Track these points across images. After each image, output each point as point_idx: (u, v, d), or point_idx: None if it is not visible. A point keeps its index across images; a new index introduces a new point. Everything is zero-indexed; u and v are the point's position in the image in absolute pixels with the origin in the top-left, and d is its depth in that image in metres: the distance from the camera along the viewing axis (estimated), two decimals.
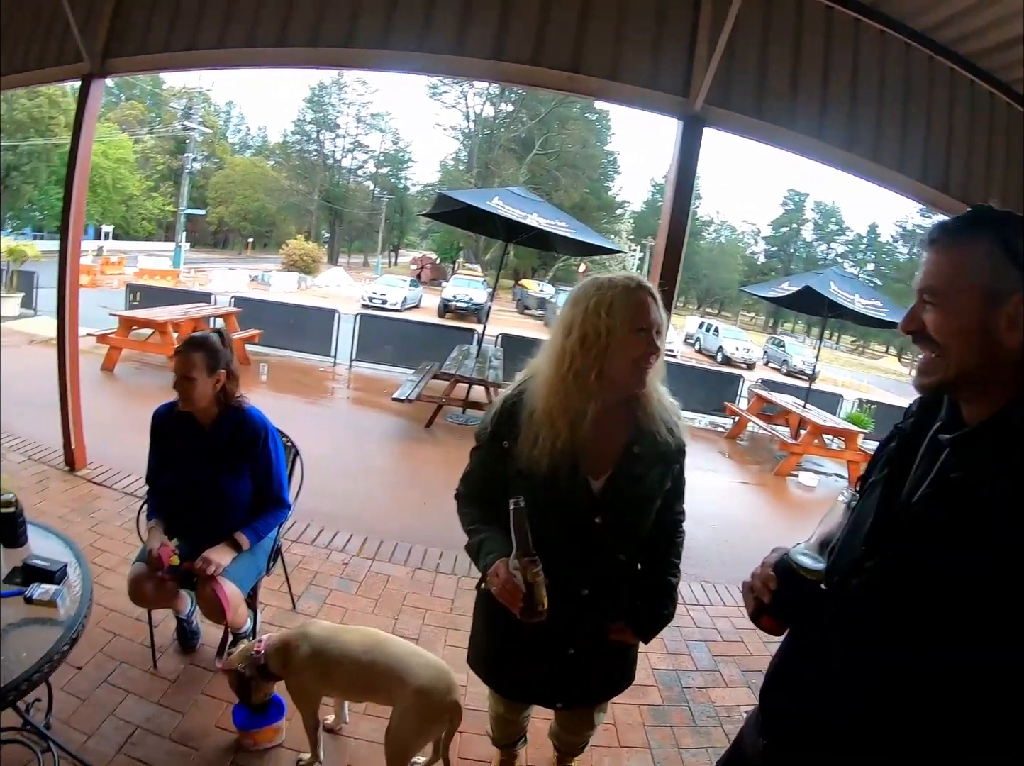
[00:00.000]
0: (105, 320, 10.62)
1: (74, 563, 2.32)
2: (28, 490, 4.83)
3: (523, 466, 1.75)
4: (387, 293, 29.39)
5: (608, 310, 1.68)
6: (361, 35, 4.23)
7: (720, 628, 4.13)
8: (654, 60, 3.97)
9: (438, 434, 8.24)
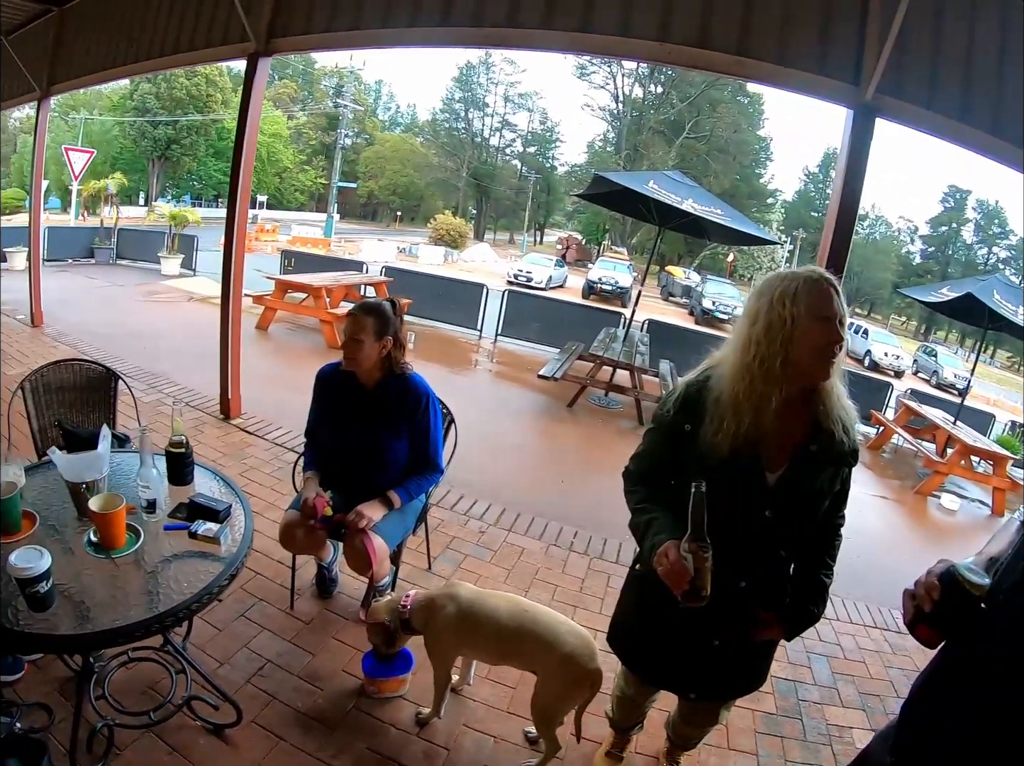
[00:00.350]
0: (259, 282, 11.33)
1: (237, 504, 2.49)
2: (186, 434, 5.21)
3: (703, 450, 1.77)
4: (533, 271, 29.55)
5: (792, 299, 1.70)
6: (524, 14, 4.26)
7: (844, 645, 3.97)
8: (823, 44, 3.77)
9: (579, 414, 8.25)
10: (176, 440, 2.49)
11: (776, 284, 1.75)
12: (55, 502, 2.35)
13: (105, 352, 7.63)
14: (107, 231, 17.05)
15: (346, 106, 47.03)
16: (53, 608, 1.85)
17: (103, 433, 2.35)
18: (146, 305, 11.81)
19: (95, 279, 14.02)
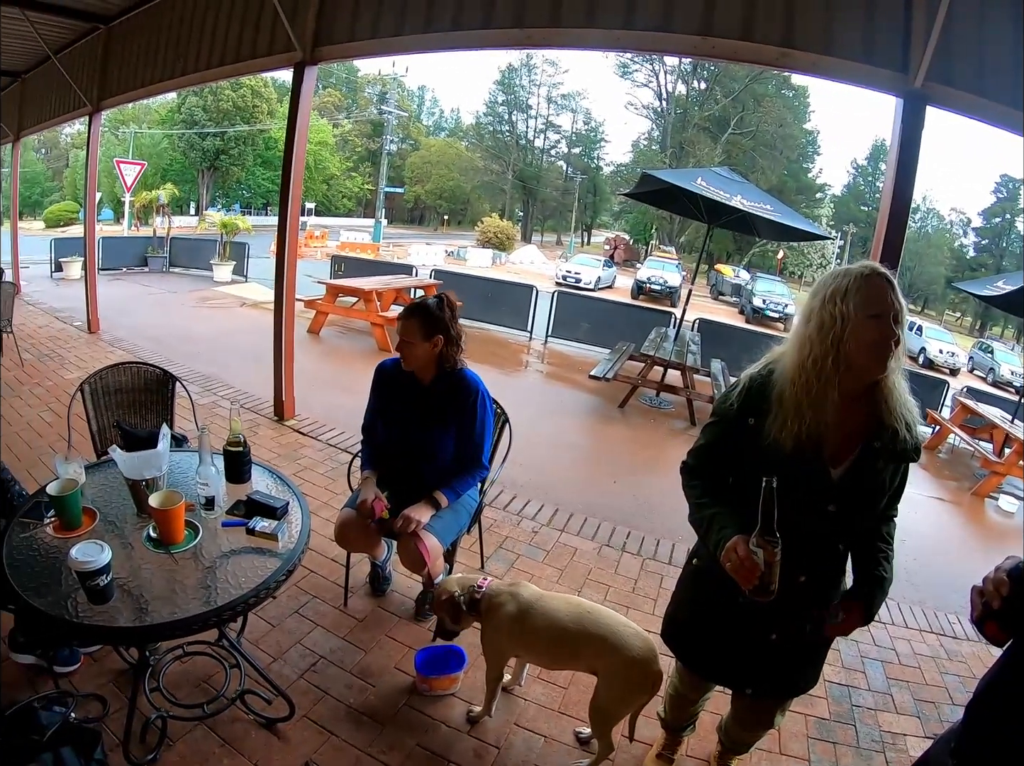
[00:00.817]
0: (310, 287, 11.51)
1: (294, 502, 2.53)
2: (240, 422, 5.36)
3: (767, 445, 1.77)
4: (581, 272, 29.46)
5: (843, 297, 1.69)
6: (565, 14, 4.25)
7: (899, 650, 3.85)
8: (868, 32, 3.67)
9: (631, 415, 8.18)
10: (234, 439, 2.55)
11: (829, 282, 1.75)
12: (115, 499, 2.42)
13: (160, 356, 7.82)
14: (160, 240, 17.59)
15: (390, 112, 47.63)
16: (112, 601, 1.90)
17: (162, 431, 2.42)
18: (199, 311, 12.09)
19: (149, 286, 14.44)
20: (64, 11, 7.73)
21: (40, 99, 10.59)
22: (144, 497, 2.23)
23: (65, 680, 2.60)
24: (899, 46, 3.60)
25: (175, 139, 47.58)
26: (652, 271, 29.65)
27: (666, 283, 28.48)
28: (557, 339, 12.00)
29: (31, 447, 5.06)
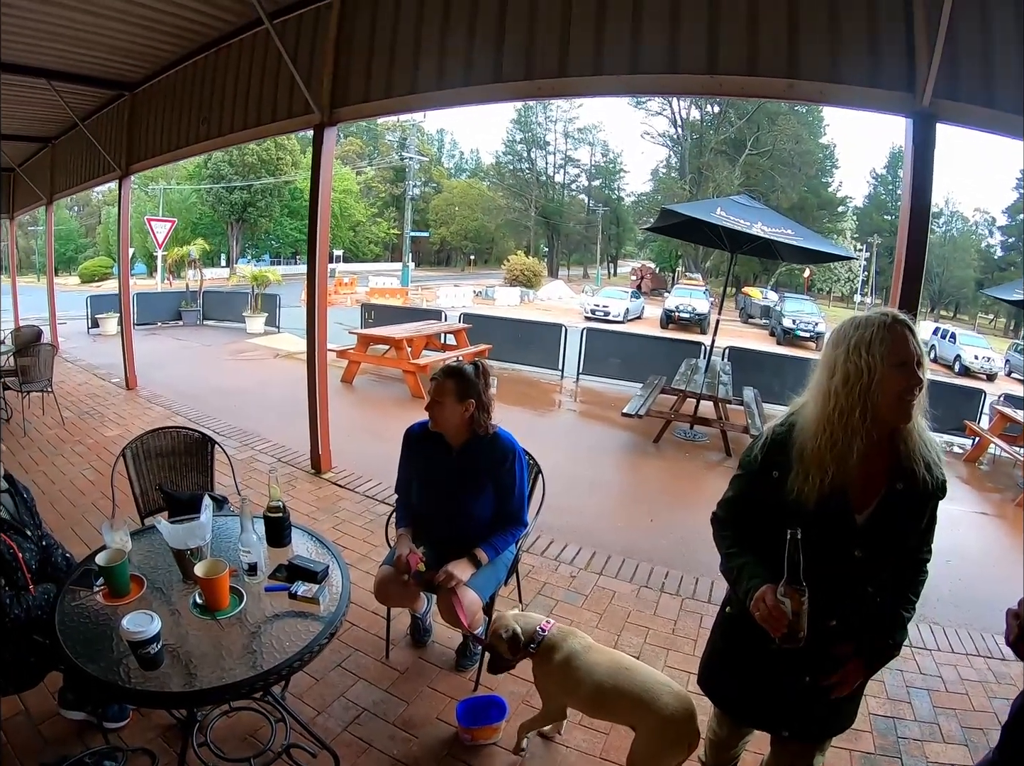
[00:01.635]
0: (342, 335, 11.70)
1: (334, 565, 2.56)
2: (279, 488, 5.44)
3: (791, 498, 1.78)
4: (609, 305, 29.83)
5: (868, 348, 1.70)
6: (573, 63, 4.36)
7: (945, 677, 3.74)
8: (873, 55, 3.68)
9: (666, 450, 8.13)
10: (274, 505, 2.61)
11: (851, 333, 1.75)
12: (161, 565, 2.49)
13: (197, 411, 8.02)
14: (192, 294, 18.08)
15: (411, 158, 48.46)
16: (163, 667, 1.96)
17: (204, 502, 2.48)
18: (234, 363, 12.35)
19: (184, 340, 14.81)
20: (89, 80, 8.09)
21: (71, 164, 11.05)
22: (190, 565, 2.29)
23: (114, 735, 2.66)
24: (904, 66, 3.61)
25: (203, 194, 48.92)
26: (680, 299, 29.80)
27: (695, 311, 28.61)
28: (588, 376, 11.99)
29: (74, 505, 5.19)
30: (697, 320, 28.20)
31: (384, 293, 30.52)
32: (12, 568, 2.38)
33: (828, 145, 56.73)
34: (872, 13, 3.66)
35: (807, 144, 52.73)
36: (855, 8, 3.70)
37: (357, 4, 5.46)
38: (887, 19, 3.63)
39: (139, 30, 6.47)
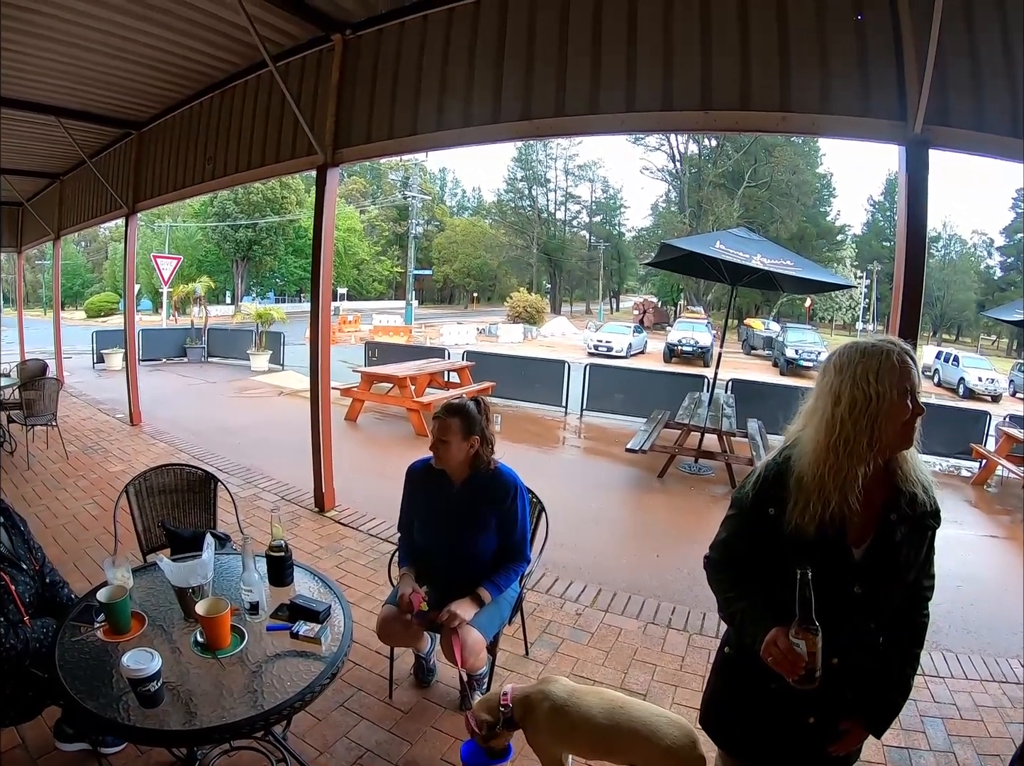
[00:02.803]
0: (345, 373, 11.76)
1: (336, 605, 2.55)
2: (281, 527, 5.39)
3: (789, 533, 1.75)
4: (612, 340, 29.93)
5: (876, 375, 1.68)
6: (570, 103, 4.46)
7: (960, 704, 3.67)
8: (863, 85, 3.75)
9: (671, 484, 8.09)
10: (276, 545, 2.61)
11: (856, 359, 1.73)
12: (162, 602, 2.49)
13: (201, 449, 8.03)
14: (197, 331, 18.26)
15: (414, 197, 48.98)
16: (163, 705, 1.95)
17: (206, 541, 2.47)
18: (238, 400, 12.41)
19: (188, 377, 14.93)
20: (97, 118, 8.28)
21: (78, 200, 11.26)
22: (191, 604, 2.29)
23: (107, 762, 2.65)
24: (895, 95, 3.67)
25: (209, 231, 49.46)
26: (682, 333, 29.95)
27: (697, 344, 28.78)
28: (592, 412, 11.98)
29: (77, 540, 5.20)
30: (700, 353, 28.36)
31: (388, 331, 30.67)
32: (3, 600, 2.37)
33: (825, 174, 57.66)
34: (861, 45, 3.74)
35: (804, 174, 53.42)
36: (844, 40, 3.77)
37: (359, 47, 5.60)
38: (876, 50, 3.71)
39: (147, 71, 6.65)
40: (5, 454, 7.57)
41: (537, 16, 4.62)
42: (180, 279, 26.61)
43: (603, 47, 4.33)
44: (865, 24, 3.74)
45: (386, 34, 5.43)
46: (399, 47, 5.34)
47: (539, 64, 4.58)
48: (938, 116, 3.57)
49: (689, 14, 4.09)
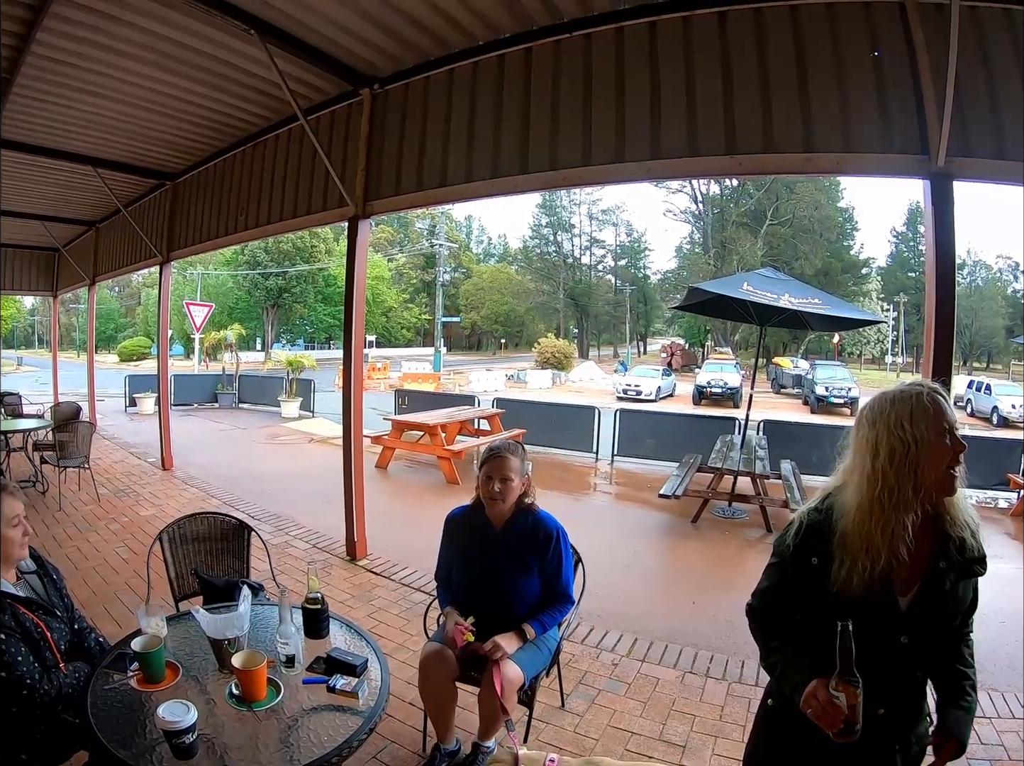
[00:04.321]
0: (376, 420, 11.83)
1: (373, 658, 2.52)
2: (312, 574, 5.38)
3: (833, 586, 1.71)
4: (641, 384, 29.99)
5: (910, 420, 1.67)
6: (596, 152, 4.53)
7: (1007, 745, 3.52)
8: (884, 121, 3.77)
9: (705, 529, 7.92)
10: (313, 597, 2.60)
11: (887, 408, 1.72)
12: (196, 652, 2.47)
13: (232, 495, 8.08)
14: (229, 377, 18.58)
15: (441, 245, 49.67)
16: (196, 757, 1.92)
17: (243, 593, 2.47)
18: (269, 447, 12.51)
19: (220, 423, 15.14)
20: (132, 169, 8.59)
21: (113, 247, 11.61)
22: (227, 655, 2.28)
23: None
24: (916, 129, 3.69)
25: (240, 279, 50.44)
26: (711, 375, 29.96)
27: (726, 385, 28.74)
28: (623, 458, 11.81)
29: (107, 583, 5.22)
30: (729, 394, 28.30)
31: (417, 378, 30.89)
32: (41, 647, 2.37)
33: (847, 208, 57.70)
34: (879, 81, 3.79)
35: (826, 209, 53.75)
36: (863, 78, 3.83)
37: (387, 101, 5.76)
38: (894, 85, 3.75)
39: (181, 124, 6.90)
40: (37, 494, 7.68)
41: (561, 68, 4.73)
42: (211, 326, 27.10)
43: (627, 98, 4.41)
44: (882, 60, 3.79)
45: (413, 88, 5.58)
46: (426, 100, 5.48)
47: (564, 113, 4.67)
48: (960, 147, 3.59)
49: (709, 64, 4.17)
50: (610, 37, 4.52)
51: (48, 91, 5.89)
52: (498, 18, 4.69)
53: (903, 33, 3.72)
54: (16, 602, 2.36)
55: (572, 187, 4.72)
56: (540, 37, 4.78)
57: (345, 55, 5.30)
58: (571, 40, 4.67)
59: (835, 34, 3.90)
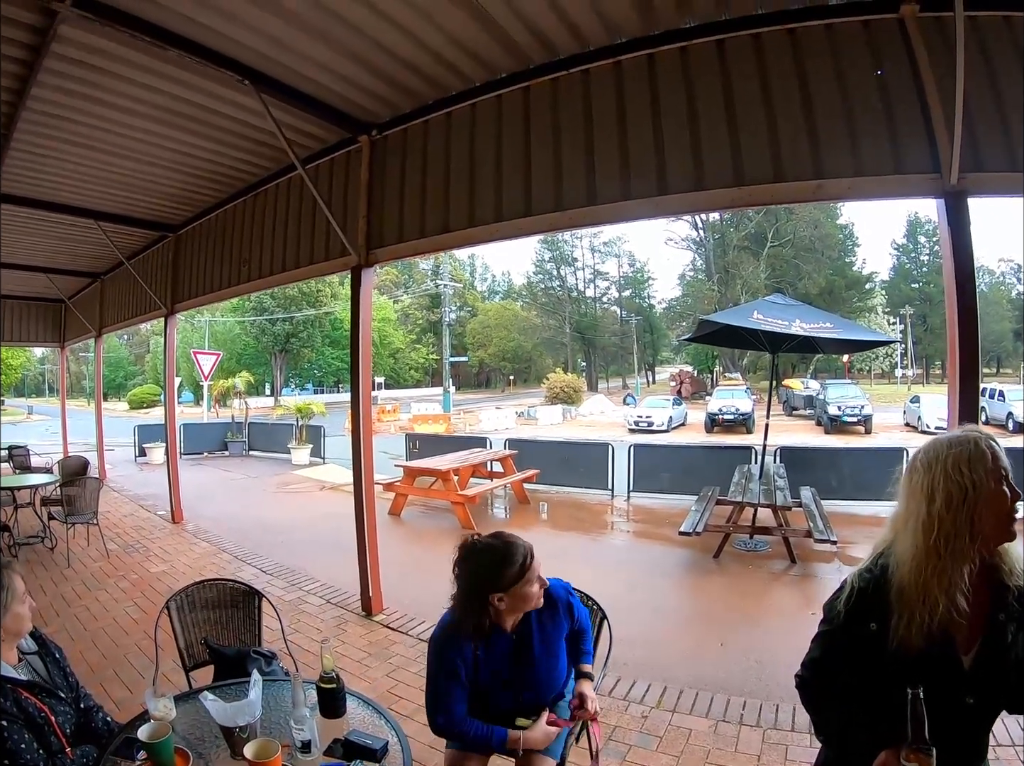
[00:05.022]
0: (387, 465, 11.72)
1: (394, 738, 2.36)
2: (327, 633, 5.31)
3: (892, 647, 1.64)
4: (652, 415, 29.82)
5: (968, 465, 1.61)
6: (602, 191, 4.46)
7: None
8: (894, 143, 3.71)
9: (727, 564, 7.73)
10: (327, 676, 2.43)
11: (943, 452, 1.66)
12: (207, 736, 2.33)
13: (244, 548, 7.96)
14: (238, 425, 18.60)
15: (445, 285, 50.00)
16: None
17: (254, 678, 2.35)
18: (280, 496, 12.38)
19: (230, 471, 15.09)
20: (133, 222, 8.66)
21: (118, 299, 11.69)
22: (239, 743, 2.15)
23: None
24: (926, 148, 3.61)
25: (247, 326, 50.85)
26: (722, 401, 29.87)
27: (738, 411, 28.64)
28: (639, 493, 11.58)
29: (117, 645, 5.10)
30: (742, 420, 28.15)
31: (427, 419, 30.65)
32: (45, 732, 2.26)
33: (846, 225, 58.08)
34: (886, 100, 3.73)
35: (826, 227, 54.15)
36: (868, 98, 3.77)
37: (386, 146, 5.74)
38: (901, 105, 3.70)
39: (180, 176, 6.93)
40: (46, 550, 7.61)
41: (560, 106, 4.70)
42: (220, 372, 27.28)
43: (629, 133, 4.37)
44: (888, 81, 3.74)
45: (411, 133, 5.55)
46: (425, 145, 5.45)
47: (566, 152, 4.62)
48: (971, 163, 3.51)
49: (711, 93, 4.14)
50: (608, 71, 4.49)
51: (46, 145, 5.91)
52: (493, 58, 4.66)
53: (905, 49, 3.69)
54: (18, 686, 2.26)
55: (579, 228, 4.65)
56: (537, 75, 4.75)
57: (341, 102, 5.30)
58: (569, 76, 4.64)
59: (836, 55, 3.86)
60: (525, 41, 4.41)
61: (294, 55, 4.54)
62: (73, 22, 4.00)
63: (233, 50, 4.45)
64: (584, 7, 4.05)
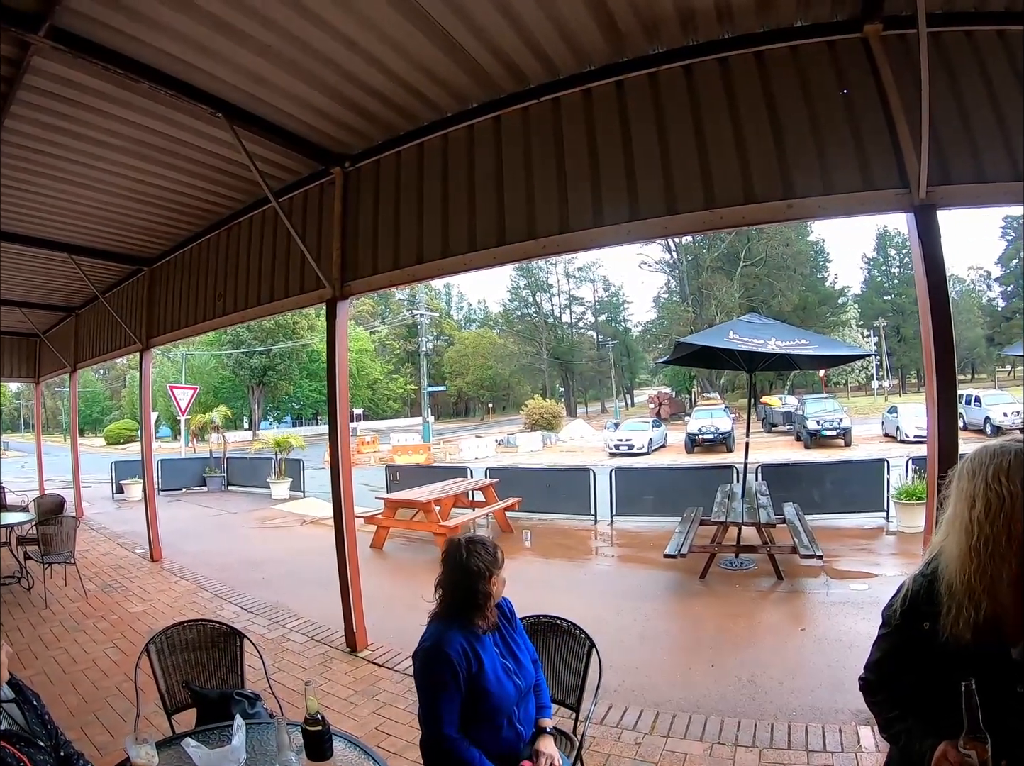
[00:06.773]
0: (367, 497, 11.60)
1: None
2: (312, 671, 5.22)
3: (945, 642, 1.74)
4: (632, 438, 29.92)
5: (1007, 475, 1.69)
6: (574, 218, 4.50)
7: None
8: (862, 160, 3.79)
9: (714, 584, 7.68)
10: (312, 718, 2.38)
11: (987, 462, 1.74)
12: None
13: (224, 586, 7.82)
14: (217, 460, 18.48)
15: (422, 315, 50.01)
16: None
17: (236, 724, 2.32)
18: (260, 531, 12.21)
19: (208, 507, 14.89)
20: (108, 255, 8.58)
21: (93, 334, 11.55)
22: None
23: None
24: (894, 164, 3.70)
25: (224, 359, 50.56)
26: (701, 421, 29.83)
27: (718, 430, 28.63)
28: (623, 517, 11.53)
29: (97, 688, 4.98)
30: (722, 439, 28.15)
31: (407, 450, 30.37)
32: None
33: (817, 242, 59.17)
34: (853, 120, 3.83)
35: (798, 245, 55.10)
36: (835, 117, 3.87)
37: (359, 178, 5.76)
38: (868, 123, 3.79)
39: (153, 209, 6.90)
40: (22, 591, 7.44)
41: (531, 135, 4.76)
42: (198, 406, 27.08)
43: (600, 159, 4.43)
44: (854, 99, 3.83)
45: (384, 165, 5.58)
46: (398, 176, 5.48)
47: (538, 181, 4.67)
48: (939, 176, 3.60)
49: (680, 117, 4.22)
50: (578, 100, 4.56)
51: (19, 178, 5.86)
52: (464, 88, 4.71)
53: (870, 67, 3.79)
54: None
55: (552, 256, 4.68)
56: (508, 104, 4.81)
57: (313, 134, 5.32)
58: (540, 105, 4.70)
59: (803, 76, 3.96)
60: (495, 70, 4.46)
61: (266, 87, 4.55)
62: (46, 54, 3.98)
63: (205, 82, 4.46)
64: (552, 35, 4.10)
